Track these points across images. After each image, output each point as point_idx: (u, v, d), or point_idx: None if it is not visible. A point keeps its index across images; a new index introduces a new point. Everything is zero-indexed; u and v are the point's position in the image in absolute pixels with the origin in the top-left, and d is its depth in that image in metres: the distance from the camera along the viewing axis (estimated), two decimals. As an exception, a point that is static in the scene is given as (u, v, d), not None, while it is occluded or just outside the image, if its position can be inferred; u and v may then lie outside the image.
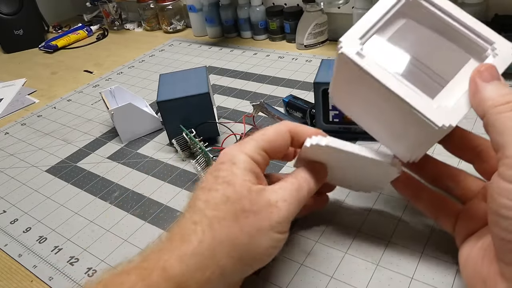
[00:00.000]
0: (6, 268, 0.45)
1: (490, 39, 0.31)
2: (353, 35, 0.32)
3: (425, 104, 0.29)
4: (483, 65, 0.29)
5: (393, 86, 0.30)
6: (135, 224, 0.48)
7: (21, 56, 1.14)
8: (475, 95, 0.29)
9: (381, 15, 0.33)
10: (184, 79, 0.59)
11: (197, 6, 1.00)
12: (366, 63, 0.31)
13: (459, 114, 0.29)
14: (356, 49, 0.32)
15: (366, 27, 0.32)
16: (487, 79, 0.29)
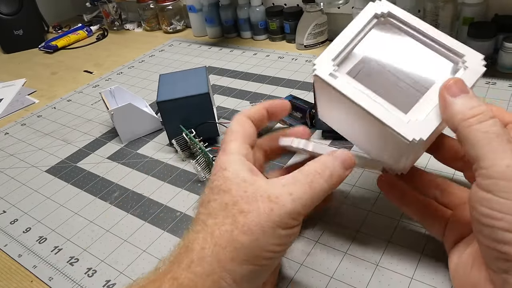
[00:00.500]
0: (6, 268, 0.45)
1: (460, 53, 0.32)
2: (326, 57, 0.34)
3: (396, 119, 0.30)
4: (450, 80, 0.30)
5: (365, 104, 0.31)
6: (135, 224, 0.48)
7: (21, 56, 1.14)
8: (445, 110, 0.30)
9: (353, 36, 0.34)
10: (184, 79, 0.59)
11: (197, 6, 1.00)
12: (338, 84, 0.32)
13: (430, 128, 0.30)
14: (329, 70, 0.33)
15: (340, 48, 0.34)
16: (455, 94, 0.29)
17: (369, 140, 0.36)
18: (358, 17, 0.35)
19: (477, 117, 0.28)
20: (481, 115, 0.28)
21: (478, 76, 0.31)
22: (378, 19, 0.35)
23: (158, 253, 0.44)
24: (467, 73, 0.31)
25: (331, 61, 0.33)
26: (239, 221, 0.28)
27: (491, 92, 0.60)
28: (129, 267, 0.42)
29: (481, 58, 0.31)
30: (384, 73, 0.34)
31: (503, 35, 0.64)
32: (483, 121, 0.27)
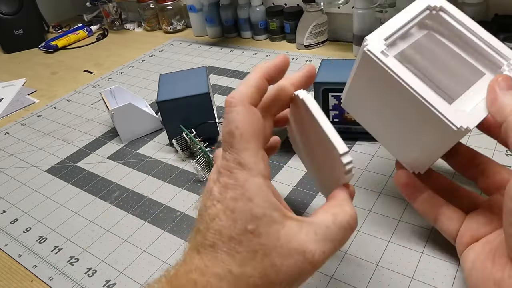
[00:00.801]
0: (6, 268, 0.45)
1: (506, 55, 0.32)
2: (378, 35, 0.33)
3: (444, 105, 0.30)
4: (500, 76, 0.31)
5: (415, 86, 0.31)
6: (135, 224, 0.48)
7: (21, 56, 1.14)
8: (494, 102, 0.30)
9: (405, 22, 0.34)
10: (184, 79, 0.59)
11: (197, 6, 1.00)
12: (390, 62, 0.32)
13: (477, 118, 0.30)
14: (381, 48, 0.32)
15: (392, 30, 0.34)
16: (505, 88, 0.30)
17: (399, 131, 0.35)
18: (412, 5, 0.35)
19: None
20: None
21: None
22: (430, 11, 0.34)
23: (158, 253, 0.44)
24: None
25: (383, 40, 0.33)
26: (269, 276, 0.25)
27: (491, 92, 0.60)
28: (129, 267, 0.43)
29: None
30: (432, 61, 0.34)
31: (503, 35, 0.64)
32: None
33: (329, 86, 0.51)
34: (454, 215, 0.35)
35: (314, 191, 0.48)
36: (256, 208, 0.26)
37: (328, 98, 0.52)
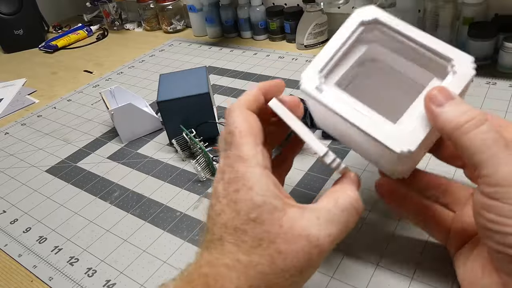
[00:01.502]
0: (6, 268, 0.45)
1: (448, 56, 0.31)
2: (313, 69, 0.33)
3: (383, 131, 0.30)
4: (433, 89, 0.29)
5: (350, 117, 0.31)
6: (135, 224, 0.48)
7: (21, 56, 1.14)
8: (435, 122, 0.28)
9: (340, 45, 0.34)
10: (184, 79, 0.59)
11: (197, 6, 1.00)
12: (324, 98, 0.32)
13: (418, 138, 0.29)
14: (315, 83, 0.33)
15: (327, 58, 0.33)
16: (441, 102, 0.28)
17: (364, 148, 0.35)
18: (344, 25, 0.34)
19: (471, 122, 0.26)
20: (475, 120, 0.26)
21: (467, 80, 0.30)
22: (365, 26, 0.34)
23: (158, 253, 0.43)
24: (456, 78, 0.30)
25: (318, 73, 0.33)
26: (277, 264, 0.26)
27: (491, 92, 0.60)
28: (129, 267, 0.42)
29: (470, 61, 0.30)
30: (376, 84, 0.34)
31: (503, 35, 0.64)
32: (478, 126, 0.26)
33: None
34: (441, 219, 0.35)
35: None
36: (256, 196, 0.27)
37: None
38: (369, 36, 0.34)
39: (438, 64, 0.31)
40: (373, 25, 0.34)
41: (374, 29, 0.34)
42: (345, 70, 0.34)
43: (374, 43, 0.34)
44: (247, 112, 0.31)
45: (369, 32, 0.34)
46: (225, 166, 0.29)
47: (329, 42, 0.34)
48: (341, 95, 0.32)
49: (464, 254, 0.33)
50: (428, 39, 0.32)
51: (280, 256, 0.26)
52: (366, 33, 0.34)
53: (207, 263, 0.27)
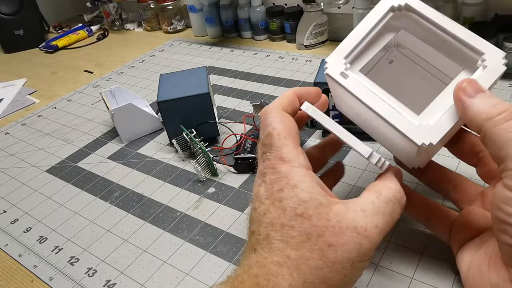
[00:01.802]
0: (6, 268, 0.45)
1: (480, 50, 0.30)
2: (338, 55, 0.33)
3: (406, 122, 0.29)
4: (464, 81, 0.29)
5: (374, 105, 0.31)
6: (135, 224, 0.48)
7: (21, 56, 1.14)
8: (465, 112, 0.28)
9: (367, 30, 0.33)
10: (184, 79, 0.59)
11: (197, 6, 1.00)
12: (349, 83, 0.32)
13: (441, 132, 0.29)
14: (340, 69, 0.32)
15: (351, 46, 0.33)
16: (472, 94, 0.28)
17: (384, 136, 0.35)
18: (374, 10, 0.33)
19: (502, 115, 0.26)
20: (507, 113, 0.26)
21: (497, 76, 0.29)
22: (394, 12, 0.33)
23: (158, 253, 0.44)
24: (485, 73, 0.29)
25: (343, 59, 0.32)
26: (328, 257, 0.26)
27: (491, 92, 0.60)
28: (130, 267, 0.43)
29: (502, 57, 0.29)
30: (400, 71, 0.33)
31: (503, 35, 0.64)
32: (509, 120, 0.26)
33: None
34: (443, 217, 0.35)
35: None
36: (302, 193, 0.27)
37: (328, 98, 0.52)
38: (399, 22, 0.33)
39: (468, 57, 0.31)
40: (404, 11, 0.33)
41: (404, 15, 0.33)
42: (371, 57, 0.33)
43: (403, 30, 0.33)
44: (284, 114, 0.31)
45: (399, 18, 0.33)
46: (266, 168, 0.29)
47: (357, 26, 0.33)
48: (366, 82, 0.32)
49: (470, 250, 0.32)
50: (460, 30, 0.31)
51: (330, 249, 0.26)
52: (395, 19, 0.33)
53: (256, 263, 0.26)
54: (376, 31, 0.33)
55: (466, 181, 0.36)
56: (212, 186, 0.51)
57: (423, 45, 0.33)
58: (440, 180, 0.36)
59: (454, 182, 0.35)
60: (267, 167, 0.29)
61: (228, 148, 0.56)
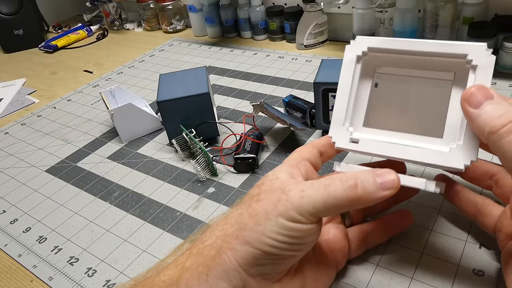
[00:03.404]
0: (6, 268, 0.45)
1: (460, 54, 0.30)
2: (337, 125, 0.33)
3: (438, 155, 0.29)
4: (467, 91, 0.28)
5: (399, 155, 0.31)
6: (135, 224, 0.48)
7: (20, 56, 1.14)
8: (472, 125, 0.28)
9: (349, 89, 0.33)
10: (184, 79, 0.59)
11: (197, 6, 1.00)
12: (363, 147, 0.32)
13: (474, 147, 0.29)
14: (347, 137, 0.33)
15: (343, 110, 0.33)
16: (477, 104, 0.27)
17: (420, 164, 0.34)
18: (342, 66, 0.34)
19: (506, 127, 0.25)
20: (511, 124, 0.25)
21: (491, 68, 0.28)
22: (361, 60, 0.34)
23: (158, 253, 0.43)
24: (479, 72, 0.29)
25: (343, 125, 0.33)
26: (251, 206, 0.30)
27: (491, 92, 0.60)
28: (129, 267, 0.42)
29: (484, 48, 0.29)
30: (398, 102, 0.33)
31: (503, 35, 0.64)
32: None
33: (329, 86, 0.51)
34: (489, 213, 0.35)
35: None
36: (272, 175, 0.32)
37: (328, 98, 0.52)
38: (372, 63, 0.34)
39: (454, 64, 0.30)
40: (369, 54, 0.33)
41: (373, 56, 0.33)
42: (366, 107, 0.34)
43: (381, 67, 0.34)
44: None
45: (370, 61, 0.34)
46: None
47: (338, 90, 0.34)
48: (376, 134, 0.32)
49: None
50: (430, 45, 0.31)
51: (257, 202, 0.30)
52: (367, 63, 0.34)
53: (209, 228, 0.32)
54: (357, 84, 0.34)
55: (507, 175, 0.35)
56: (212, 186, 0.51)
57: (408, 71, 0.33)
58: (482, 176, 0.36)
59: (497, 177, 0.35)
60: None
61: (227, 148, 0.56)
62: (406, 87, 0.33)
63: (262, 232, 0.28)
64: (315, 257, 0.34)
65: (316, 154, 0.35)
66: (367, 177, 0.28)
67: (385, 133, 0.32)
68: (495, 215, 0.34)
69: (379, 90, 0.34)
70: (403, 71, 0.33)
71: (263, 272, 0.29)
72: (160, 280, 0.30)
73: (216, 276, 0.28)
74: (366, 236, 0.38)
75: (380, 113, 0.34)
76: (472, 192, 0.36)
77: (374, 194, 0.28)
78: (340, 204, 0.28)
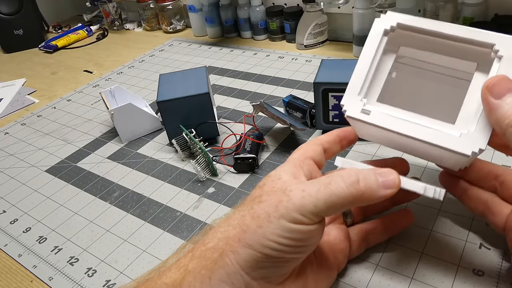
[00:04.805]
0: (6, 268, 0.45)
1: (488, 43, 0.29)
2: (351, 94, 0.33)
3: (447, 138, 0.29)
4: (491, 80, 0.27)
5: (409, 131, 0.30)
6: (135, 224, 0.48)
7: (21, 56, 1.14)
8: (490, 115, 0.27)
9: (370, 61, 0.33)
10: (184, 79, 0.59)
11: (197, 6, 1.00)
12: (374, 118, 0.31)
13: (486, 135, 0.28)
14: (359, 107, 0.32)
15: (361, 80, 0.33)
16: (499, 95, 0.27)
17: (425, 153, 0.34)
18: (369, 37, 0.33)
19: None
20: None
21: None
22: (388, 34, 0.33)
23: (158, 253, 0.43)
24: (504, 63, 0.28)
25: (357, 96, 0.32)
26: (253, 208, 0.29)
27: (491, 92, 0.60)
28: (129, 267, 0.42)
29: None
30: (416, 87, 0.32)
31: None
32: None
33: (329, 86, 0.51)
34: (498, 211, 0.34)
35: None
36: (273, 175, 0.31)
37: (328, 98, 0.52)
38: (397, 41, 0.33)
39: (479, 53, 0.30)
40: (397, 30, 0.33)
41: (400, 34, 0.33)
42: (383, 83, 0.33)
43: (404, 47, 0.33)
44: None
45: (396, 38, 0.33)
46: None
47: (359, 60, 0.33)
48: (389, 110, 0.32)
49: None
50: (460, 30, 0.30)
51: (259, 204, 0.29)
52: (393, 40, 0.33)
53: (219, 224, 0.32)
54: (379, 58, 0.33)
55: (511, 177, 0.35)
56: (212, 186, 0.51)
57: (431, 54, 0.32)
58: (486, 177, 0.35)
59: (502, 178, 0.35)
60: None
61: (227, 148, 0.56)
62: (427, 73, 0.32)
63: (264, 235, 0.28)
64: (316, 259, 0.34)
65: (320, 152, 0.34)
66: (369, 174, 0.28)
67: (398, 110, 0.32)
68: (505, 214, 0.34)
69: (399, 71, 0.33)
70: (426, 55, 0.32)
71: (266, 275, 0.29)
72: (162, 282, 0.30)
73: (219, 279, 0.28)
74: (366, 236, 0.38)
75: (396, 91, 0.33)
76: (480, 189, 0.36)
77: (376, 191, 0.28)
78: (342, 202, 0.28)
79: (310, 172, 0.32)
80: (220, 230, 0.30)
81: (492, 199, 0.35)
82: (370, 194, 0.28)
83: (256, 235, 0.28)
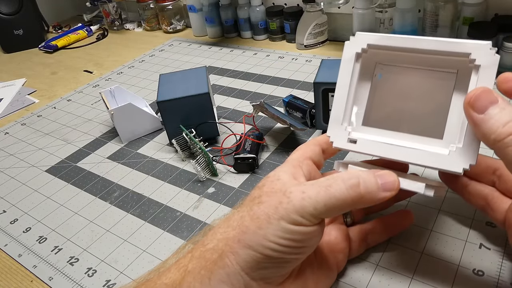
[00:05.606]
0: (6, 268, 0.45)
1: (464, 52, 0.28)
2: (335, 124, 0.33)
3: (437, 157, 0.29)
4: (471, 94, 0.26)
5: (397, 156, 0.30)
6: (135, 224, 0.48)
7: (21, 56, 1.14)
8: (476, 130, 0.27)
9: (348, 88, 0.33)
10: (184, 79, 0.59)
11: (197, 6, 1.00)
12: (361, 147, 0.32)
13: (474, 150, 0.28)
14: (345, 137, 0.32)
15: (342, 109, 0.33)
16: (482, 109, 0.26)
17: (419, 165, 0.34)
18: (342, 63, 0.33)
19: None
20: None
21: (495, 68, 0.27)
22: (361, 57, 0.33)
23: (158, 253, 0.43)
24: (482, 72, 0.27)
25: (341, 125, 0.33)
26: (253, 209, 0.29)
27: (491, 92, 0.60)
28: (129, 267, 0.42)
29: (489, 47, 0.27)
30: (398, 106, 0.32)
31: (503, 35, 0.64)
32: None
33: (329, 86, 0.51)
34: (498, 206, 0.34)
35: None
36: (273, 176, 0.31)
37: (328, 98, 0.52)
38: (372, 59, 0.33)
39: (456, 62, 0.29)
40: (369, 51, 0.32)
41: (374, 53, 0.33)
42: (365, 105, 0.33)
43: (381, 65, 0.33)
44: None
45: (371, 56, 0.33)
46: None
47: (336, 88, 0.33)
48: (375, 135, 0.32)
49: None
50: (433, 43, 0.30)
51: (258, 205, 0.29)
52: (367, 59, 0.33)
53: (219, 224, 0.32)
54: (356, 83, 0.33)
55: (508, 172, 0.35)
56: (212, 186, 0.51)
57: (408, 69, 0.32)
58: (484, 172, 0.35)
59: (500, 172, 0.35)
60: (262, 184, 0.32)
61: (227, 148, 0.56)
62: (407, 86, 0.32)
63: (264, 236, 0.28)
64: (316, 259, 0.34)
65: (318, 152, 0.34)
66: (369, 177, 0.28)
67: (384, 132, 0.32)
68: (504, 209, 0.34)
69: (379, 89, 0.33)
70: (404, 70, 0.32)
71: (266, 276, 0.29)
72: (162, 282, 0.30)
73: (219, 280, 0.28)
74: (366, 236, 0.38)
75: (379, 112, 0.33)
76: (481, 184, 0.36)
77: (376, 194, 0.28)
78: (342, 204, 0.28)
79: (310, 173, 0.32)
80: (220, 231, 0.30)
81: (492, 194, 0.35)
82: (370, 197, 0.28)
83: (256, 236, 0.28)
